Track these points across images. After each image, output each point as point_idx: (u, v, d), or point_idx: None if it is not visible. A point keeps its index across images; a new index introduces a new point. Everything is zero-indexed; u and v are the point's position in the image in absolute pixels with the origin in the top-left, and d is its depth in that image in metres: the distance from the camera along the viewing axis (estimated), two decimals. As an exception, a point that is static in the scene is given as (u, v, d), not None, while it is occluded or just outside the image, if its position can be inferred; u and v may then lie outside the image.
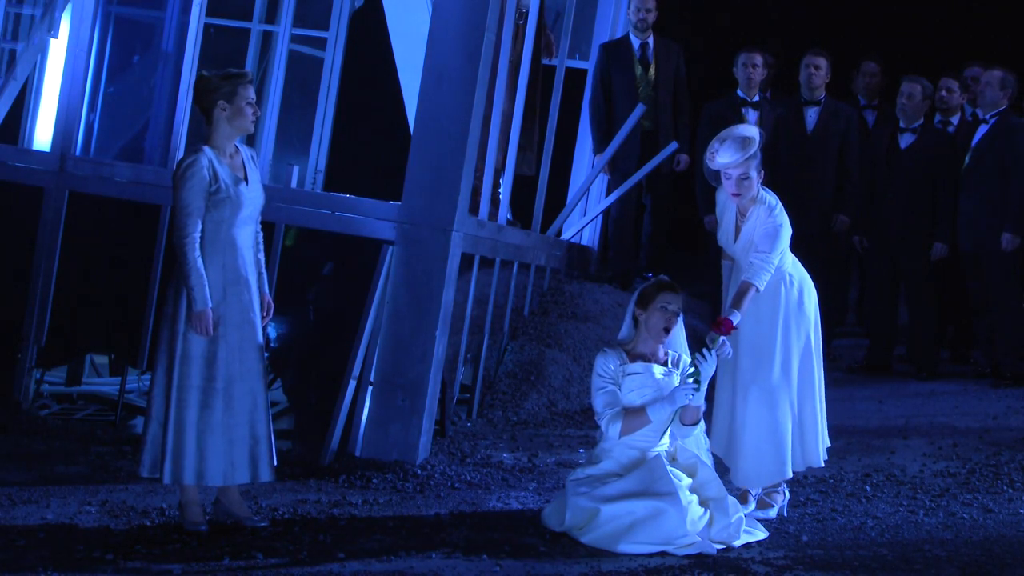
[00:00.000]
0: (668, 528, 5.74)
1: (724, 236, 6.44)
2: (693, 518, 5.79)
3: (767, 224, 6.24)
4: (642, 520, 5.77)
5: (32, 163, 7.86)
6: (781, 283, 6.31)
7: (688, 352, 6.23)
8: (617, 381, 6.05)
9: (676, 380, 6.08)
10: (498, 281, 8.36)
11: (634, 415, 5.99)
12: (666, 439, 6.11)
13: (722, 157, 6.22)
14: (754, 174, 6.25)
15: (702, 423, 6.18)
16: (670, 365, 6.13)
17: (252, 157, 5.97)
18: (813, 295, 6.43)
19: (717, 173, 6.29)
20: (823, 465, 6.50)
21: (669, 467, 5.90)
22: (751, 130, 6.33)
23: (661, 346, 6.14)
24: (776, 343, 6.28)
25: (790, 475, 6.36)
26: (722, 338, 6.06)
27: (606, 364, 6.08)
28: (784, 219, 6.28)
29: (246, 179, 5.85)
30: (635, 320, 6.18)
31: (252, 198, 5.85)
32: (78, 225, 7.69)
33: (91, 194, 7.68)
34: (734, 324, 6.07)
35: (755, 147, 6.22)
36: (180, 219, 5.70)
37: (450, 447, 7.39)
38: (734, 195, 6.27)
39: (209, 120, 5.84)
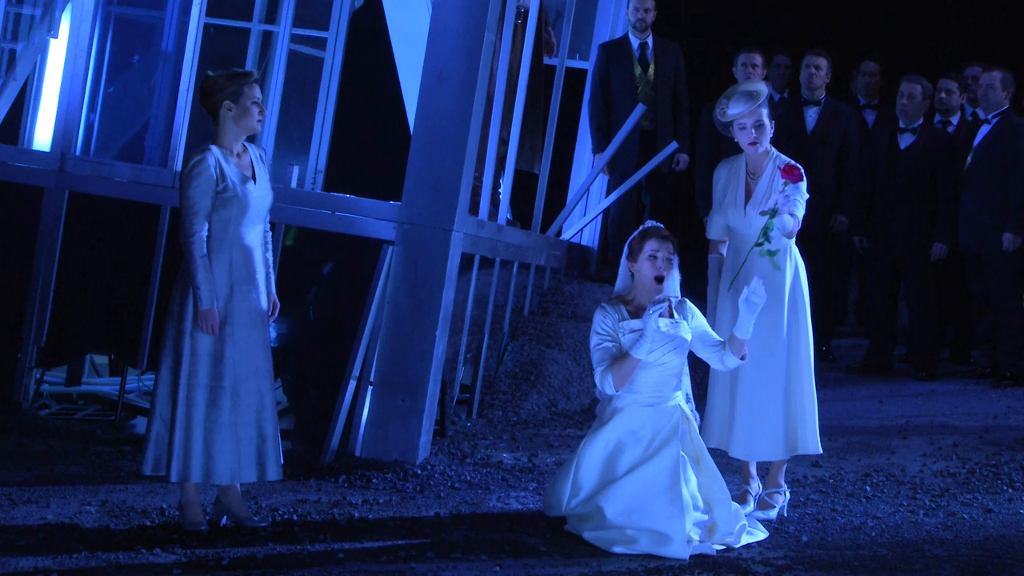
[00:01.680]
0: (668, 552, 5.69)
1: (733, 213, 6.36)
2: (694, 535, 5.77)
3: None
4: (645, 542, 5.73)
5: (32, 163, 7.86)
6: (786, 255, 6.31)
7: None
8: (615, 338, 5.98)
9: (684, 328, 5.96)
10: (498, 281, 8.36)
11: (620, 363, 5.90)
12: (681, 393, 6.03)
13: (733, 109, 6.26)
14: (767, 122, 6.29)
15: (695, 423, 6.13)
16: (674, 314, 6.00)
17: (260, 156, 5.95)
18: (805, 278, 6.45)
19: (730, 126, 6.32)
20: (821, 452, 6.49)
21: (683, 471, 5.82)
22: (756, 84, 6.44)
23: (658, 296, 5.99)
24: (782, 317, 6.27)
25: (787, 456, 6.34)
26: (792, 185, 6.05)
27: (604, 321, 6.00)
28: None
29: (254, 178, 5.85)
30: (631, 273, 6.09)
31: (260, 197, 5.84)
32: (78, 225, 7.68)
33: (91, 194, 7.68)
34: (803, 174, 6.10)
35: (763, 97, 6.28)
36: (187, 218, 5.69)
37: (450, 447, 7.38)
38: (751, 144, 6.29)
39: (215, 120, 5.82)
